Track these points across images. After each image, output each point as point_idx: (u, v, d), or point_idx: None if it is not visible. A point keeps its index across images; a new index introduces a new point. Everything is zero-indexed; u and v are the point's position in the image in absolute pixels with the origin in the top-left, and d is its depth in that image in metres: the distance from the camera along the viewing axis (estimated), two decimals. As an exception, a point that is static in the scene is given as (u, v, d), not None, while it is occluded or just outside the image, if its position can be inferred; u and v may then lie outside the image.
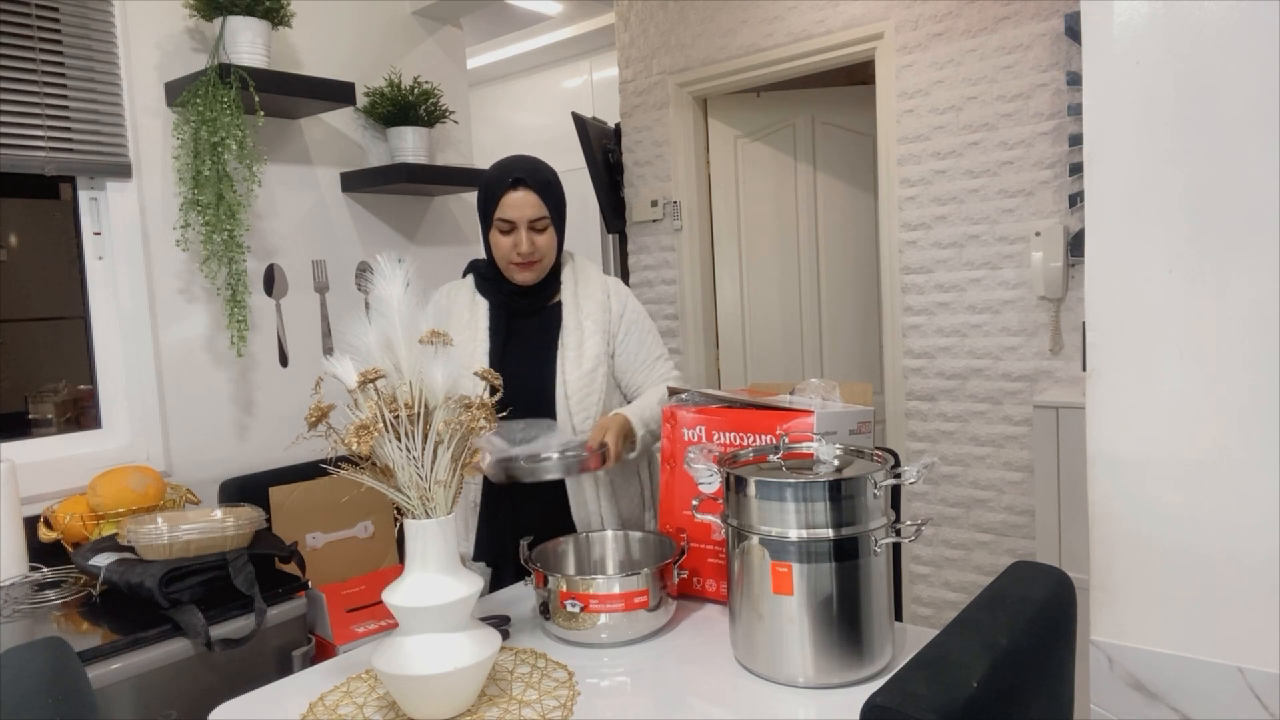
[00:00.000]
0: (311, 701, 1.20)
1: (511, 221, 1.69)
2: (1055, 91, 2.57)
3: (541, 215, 1.70)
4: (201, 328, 2.41)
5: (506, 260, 1.72)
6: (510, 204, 1.68)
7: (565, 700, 1.16)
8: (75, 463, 2.14)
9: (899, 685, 0.85)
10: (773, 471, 1.23)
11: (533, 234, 1.70)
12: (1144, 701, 1.13)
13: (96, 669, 1.47)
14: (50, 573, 1.87)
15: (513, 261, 1.71)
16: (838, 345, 3.59)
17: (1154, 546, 1.12)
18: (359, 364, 1.12)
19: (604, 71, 4.44)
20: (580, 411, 1.72)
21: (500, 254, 1.72)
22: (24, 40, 2.06)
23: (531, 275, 1.74)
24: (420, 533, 1.12)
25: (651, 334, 1.85)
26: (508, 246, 1.70)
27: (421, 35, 3.00)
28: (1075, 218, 2.56)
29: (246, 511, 1.81)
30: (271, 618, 1.71)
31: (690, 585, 1.49)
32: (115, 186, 2.25)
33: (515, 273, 1.73)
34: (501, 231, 1.70)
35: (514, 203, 1.68)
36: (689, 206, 3.52)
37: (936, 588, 2.96)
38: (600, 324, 1.77)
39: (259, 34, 2.30)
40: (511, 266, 1.72)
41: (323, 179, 2.71)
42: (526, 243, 1.69)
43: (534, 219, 1.70)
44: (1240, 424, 1.05)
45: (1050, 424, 2.34)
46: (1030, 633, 0.99)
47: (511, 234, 1.69)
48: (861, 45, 2.95)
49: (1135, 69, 1.09)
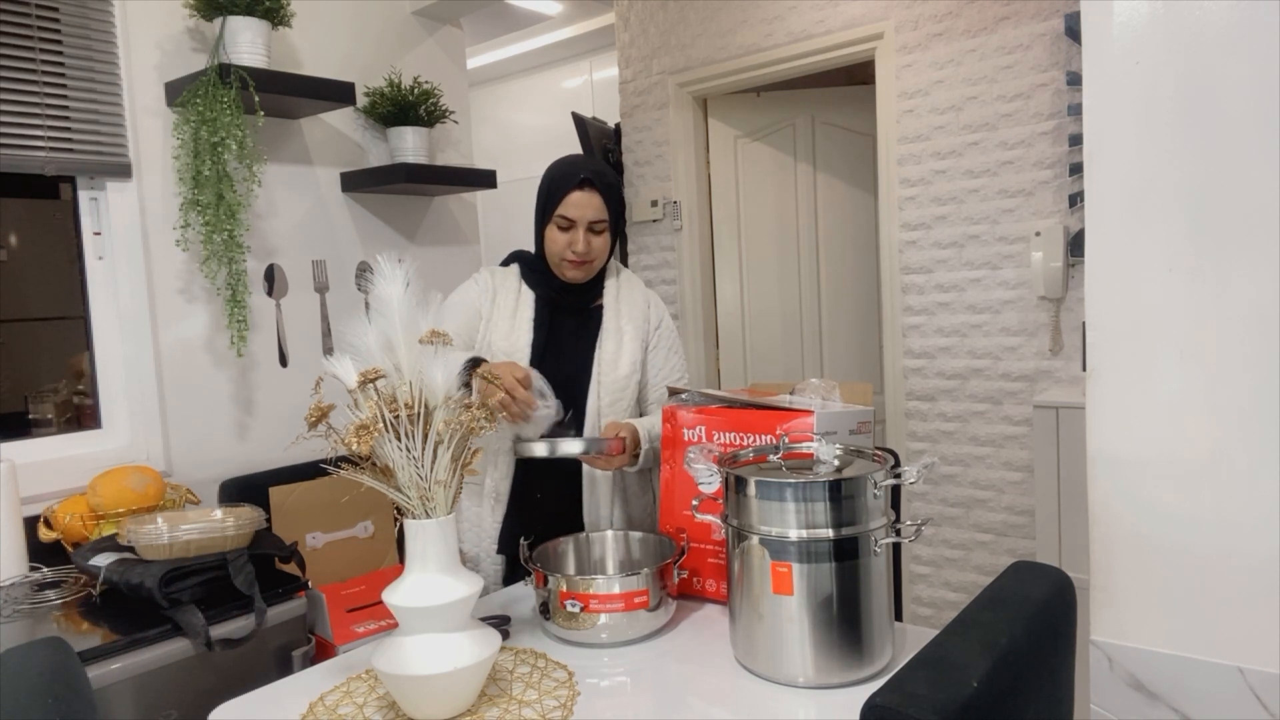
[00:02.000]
0: (311, 701, 1.20)
1: (572, 220, 1.69)
2: (1055, 91, 2.57)
3: (602, 218, 1.71)
4: (201, 328, 2.41)
5: (560, 257, 1.72)
6: (574, 202, 1.69)
7: (565, 700, 1.16)
8: (75, 463, 2.14)
9: (899, 685, 0.85)
10: (773, 471, 1.23)
11: (590, 235, 1.71)
12: (1144, 701, 1.13)
13: (96, 669, 1.47)
14: (50, 573, 1.87)
15: (566, 259, 1.72)
16: (838, 345, 3.59)
17: (1154, 546, 1.12)
18: (359, 364, 1.12)
19: (604, 71, 4.44)
20: (609, 415, 1.74)
21: (555, 249, 1.73)
22: (24, 40, 2.06)
23: (581, 275, 1.75)
24: (420, 533, 1.12)
25: (678, 354, 1.88)
26: (564, 244, 1.71)
27: (421, 35, 3.00)
28: (1075, 218, 2.56)
29: (246, 511, 1.81)
30: (271, 618, 1.71)
31: (690, 585, 1.49)
32: (115, 186, 2.25)
33: (566, 269, 1.74)
34: (560, 228, 1.71)
35: (578, 202, 1.69)
36: (689, 206, 3.52)
37: (936, 588, 2.96)
38: (639, 332, 1.80)
39: (259, 34, 2.30)
40: (564, 264, 1.73)
41: (323, 179, 2.71)
42: (583, 243, 1.70)
43: (594, 220, 1.71)
44: (1240, 424, 1.05)
45: (1050, 424, 2.34)
46: (1030, 633, 0.99)
47: (570, 231, 1.70)
48: (861, 45, 2.95)
49: (1135, 69, 1.09)
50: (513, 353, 1.71)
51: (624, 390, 1.76)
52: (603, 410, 1.73)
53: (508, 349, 1.71)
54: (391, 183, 2.69)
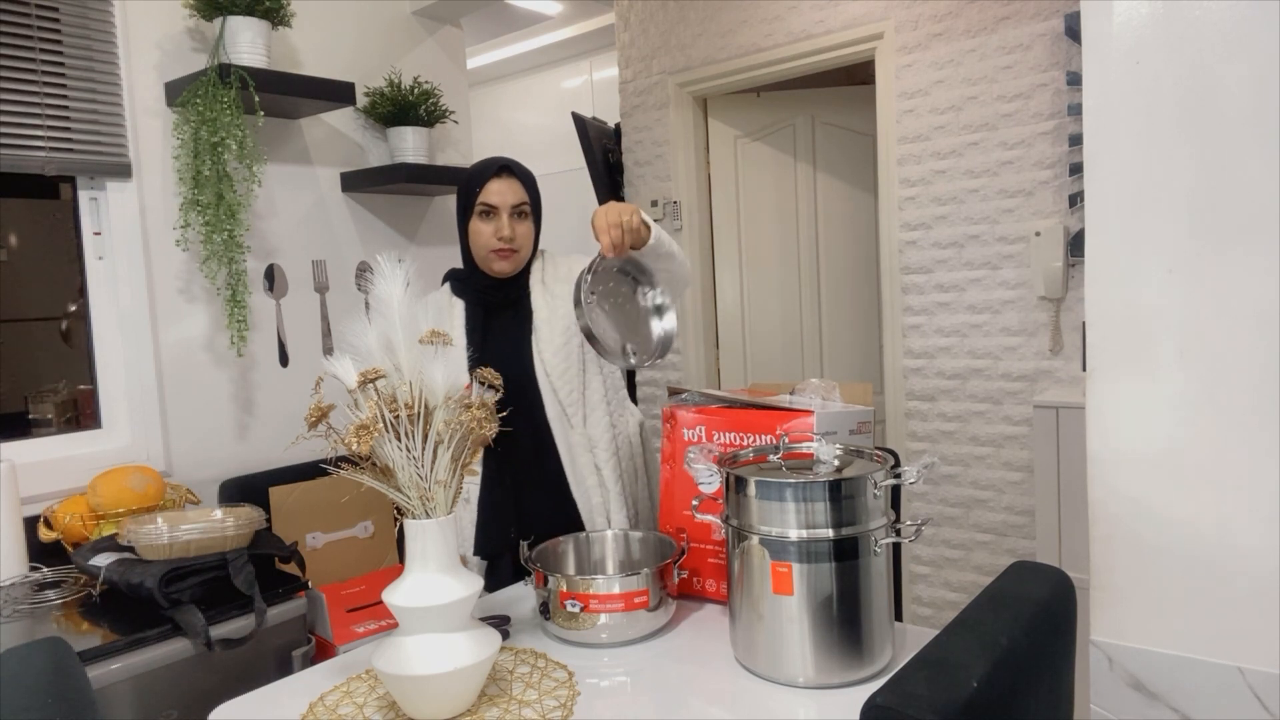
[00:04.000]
0: (311, 701, 1.20)
1: (494, 206, 1.71)
2: (1055, 91, 2.57)
3: (523, 201, 1.73)
4: (201, 328, 2.41)
5: (486, 249, 1.72)
6: (494, 190, 1.71)
7: (565, 700, 1.16)
8: (75, 463, 2.14)
9: (899, 685, 0.85)
10: (773, 471, 1.23)
11: (514, 221, 1.73)
12: (1144, 701, 1.13)
13: (96, 669, 1.47)
14: (50, 573, 1.87)
15: (493, 249, 1.72)
16: (838, 345, 3.59)
17: (1154, 546, 1.12)
18: (359, 364, 1.12)
19: (604, 71, 4.44)
20: (564, 387, 1.73)
21: (480, 242, 1.73)
22: (24, 40, 2.06)
23: (509, 266, 1.74)
24: (420, 533, 1.12)
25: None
26: (489, 233, 1.71)
27: (421, 35, 3.00)
28: (1075, 218, 2.56)
29: (246, 511, 1.81)
30: (271, 618, 1.71)
31: (690, 585, 1.49)
32: (115, 186, 2.25)
33: (494, 261, 1.73)
34: (483, 217, 1.72)
35: (497, 189, 1.71)
36: (689, 206, 3.52)
37: (936, 588, 2.96)
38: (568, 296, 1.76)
39: (259, 34, 2.30)
40: (490, 255, 1.72)
41: (323, 179, 2.71)
42: (508, 227, 1.71)
43: (516, 204, 1.72)
44: (1240, 424, 1.05)
45: (1050, 424, 2.34)
46: (1030, 633, 0.99)
47: (493, 219, 1.71)
48: (861, 45, 2.95)
49: (1135, 69, 1.09)
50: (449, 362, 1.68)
51: (568, 358, 1.73)
52: (555, 384, 1.72)
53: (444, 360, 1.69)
54: (391, 183, 2.69)
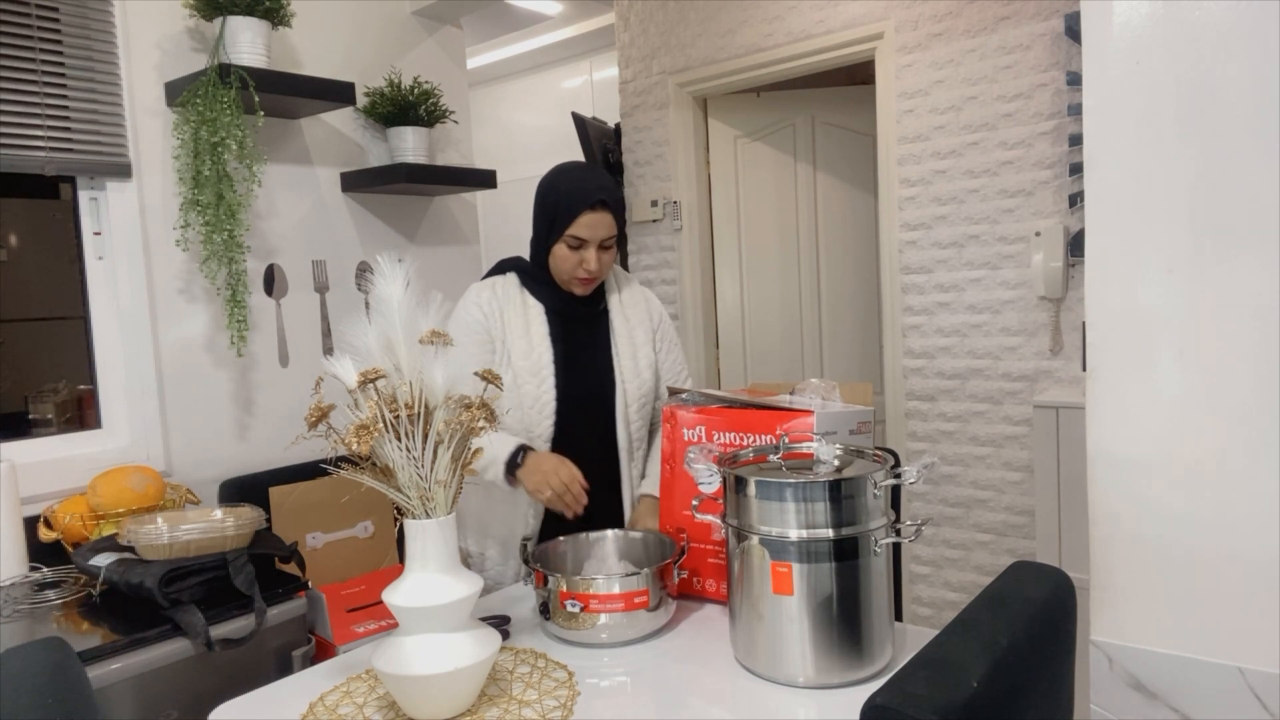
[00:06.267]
0: (311, 701, 1.20)
1: (584, 240, 1.67)
2: (1055, 91, 2.57)
3: (612, 234, 1.71)
4: (201, 328, 2.41)
5: (570, 275, 1.71)
6: (586, 223, 1.66)
7: (565, 700, 1.16)
8: (75, 463, 2.14)
9: (899, 685, 0.85)
10: (773, 471, 1.23)
11: (600, 252, 1.70)
12: (1144, 701, 1.13)
13: (96, 669, 1.47)
14: (50, 573, 1.87)
15: (577, 277, 1.71)
16: (838, 345, 3.59)
17: (1154, 546, 1.12)
18: (359, 364, 1.12)
19: (604, 71, 4.44)
20: (636, 419, 1.78)
21: (564, 267, 1.70)
22: (24, 40, 2.06)
23: (588, 291, 1.76)
24: (420, 533, 1.12)
25: (679, 348, 1.90)
26: (574, 263, 1.69)
27: (421, 35, 3.00)
28: (1075, 218, 2.56)
29: (246, 511, 1.81)
30: (271, 618, 1.71)
31: (690, 585, 1.49)
32: (115, 186, 2.25)
33: (575, 285, 1.73)
34: (570, 247, 1.68)
35: (590, 223, 1.66)
36: (689, 206, 3.52)
37: (936, 588, 2.96)
38: (647, 334, 1.82)
39: (259, 34, 2.30)
40: (574, 281, 1.72)
41: (323, 179, 2.71)
42: (595, 261, 1.69)
43: (605, 238, 1.69)
44: (1240, 424, 1.05)
45: (1050, 424, 2.34)
46: (1030, 633, 0.99)
47: (580, 250, 1.68)
48: (861, 45, 2.95)
49: (1135, 69, 1.09)
50: (536, 370, 1.70)
51: (648, 396, 1.79)
52: (630, 416, 1.76)
53: (529, 366, 1.71)
54: (391, 183, 2.69)
